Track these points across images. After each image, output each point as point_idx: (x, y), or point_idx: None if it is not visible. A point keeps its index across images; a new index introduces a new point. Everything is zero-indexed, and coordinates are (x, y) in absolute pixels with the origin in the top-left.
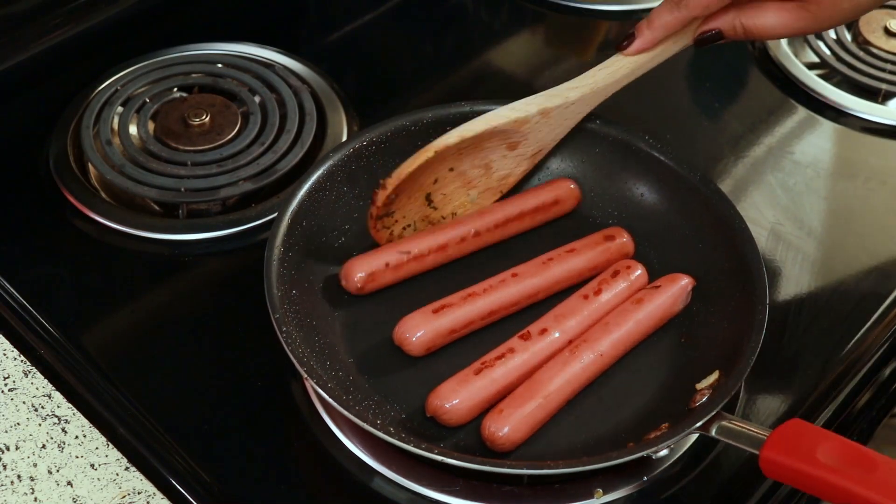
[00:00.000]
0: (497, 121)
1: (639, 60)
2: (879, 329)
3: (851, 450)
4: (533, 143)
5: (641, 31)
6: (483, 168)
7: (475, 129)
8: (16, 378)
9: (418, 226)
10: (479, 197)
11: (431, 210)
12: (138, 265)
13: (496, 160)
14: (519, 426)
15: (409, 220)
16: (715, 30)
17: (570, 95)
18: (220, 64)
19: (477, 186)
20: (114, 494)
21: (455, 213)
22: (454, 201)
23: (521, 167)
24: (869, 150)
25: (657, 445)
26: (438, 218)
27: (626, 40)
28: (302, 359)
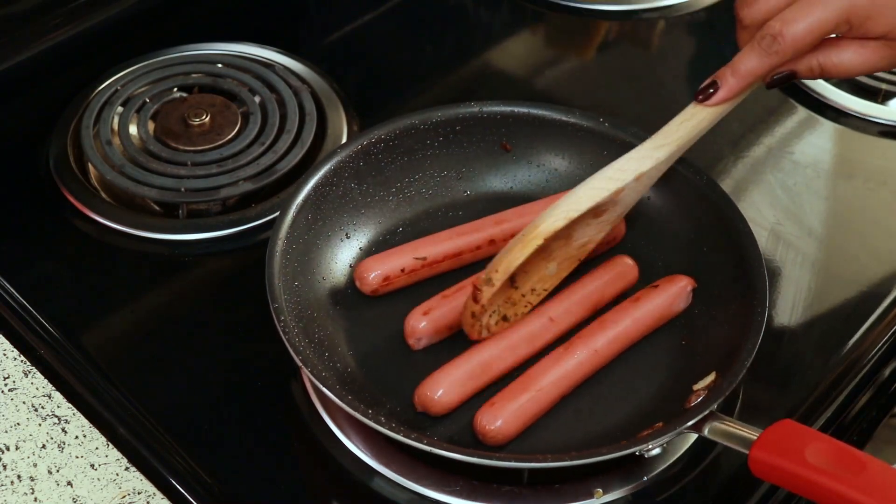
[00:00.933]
0: (600, 196)
1: (718, 110)
2: (879, 329)
3: (840, 451)
4: (619, 209)
5: (725, 79)
6: (565, 239)
7: (580, 209)
8: (16, 378)
9: (502, 310)
10: (557, 269)
11: (513, 290)
12: (138, 265)
13: (579, 229)
14: (511, 419)
15: (494, 307)
16: (790, 71)
17: (660, 155)
18: (220, 64)
19: (556, 258)
20: (114, 494)
21: (534, 288)
22: (534, 277)
23: (602, 233)
24: (869, 150)
25: (648, 443)
26: (519, 297)
27: (703, 92)
28: (298, 348)
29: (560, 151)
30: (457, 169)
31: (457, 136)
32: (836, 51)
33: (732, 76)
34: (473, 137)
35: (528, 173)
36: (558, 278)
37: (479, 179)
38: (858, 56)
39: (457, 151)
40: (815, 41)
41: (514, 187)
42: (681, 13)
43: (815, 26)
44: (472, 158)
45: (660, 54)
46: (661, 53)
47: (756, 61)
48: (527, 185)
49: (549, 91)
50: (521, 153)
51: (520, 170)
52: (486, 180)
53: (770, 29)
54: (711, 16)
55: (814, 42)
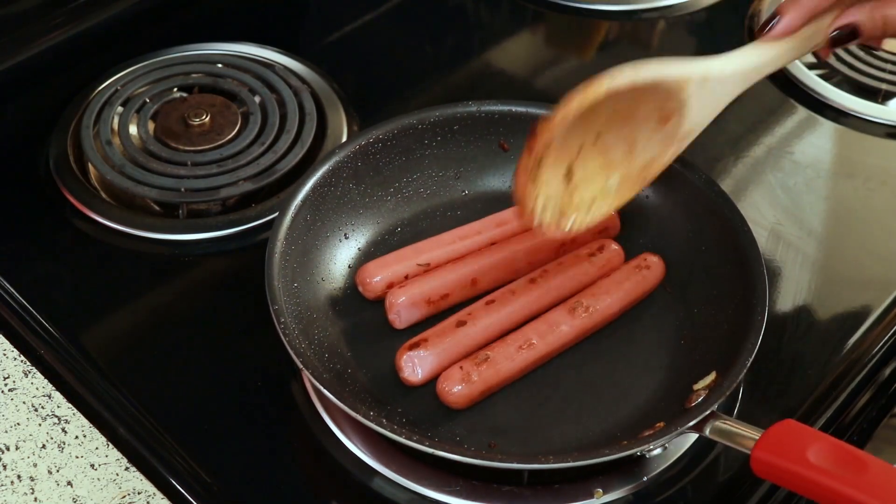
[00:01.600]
0: (664, 71)
1: (777, 49)
2: (879, 329)
3: (842, 451)
4: (685, 119)
5: (787, 9)
6: (628, 146)
7: (645, 77)
8: (16, 378)
9: (557, 203)
10: (618, 187)
11: (571, 189)
12: (138, 265)
13: (642, 138)
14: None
15: (547, 195)
16: (852, 25)
17: (726, 69)
18: (220, 64)
19: (618, 169)
20: (114, 494)
21: (594, 200)
22: (593, 186)
23: (668, 151)
24: (869, 150)
25: (649, 444)
26: (575, 204)
27: (769, 23)
28: (298, 350)
29: None
30: (455, 168)
31: (455, 135)
32: None
33: (794, 6)
34: (471, 137)
35: None
36: (619, 199)
37: (477, 179)
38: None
39: (455, 151)
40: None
41: (512, 187)
42: (681, 13)
43: None
44: (470, 158)
45: (660, 54)
46: (661, 53)
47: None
48: None
49: (549, 91)
50: (520, 152)
51: None
52: (484, 180)
53: None
54: (711, 16)
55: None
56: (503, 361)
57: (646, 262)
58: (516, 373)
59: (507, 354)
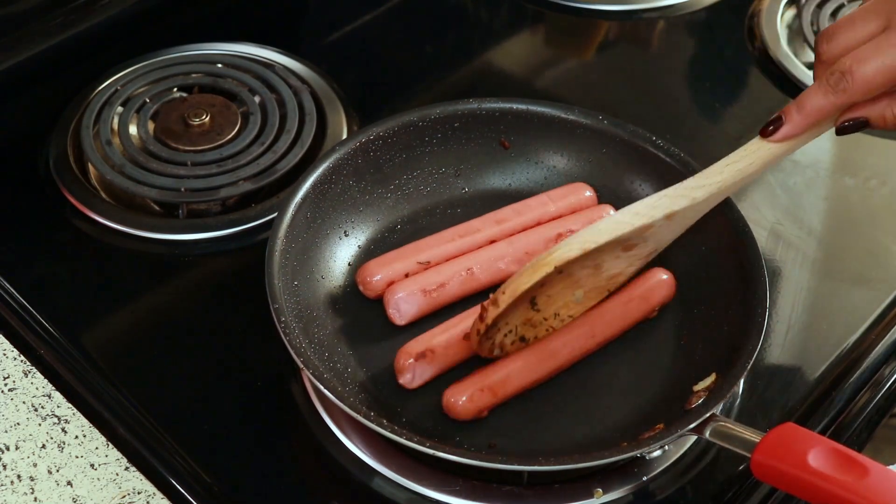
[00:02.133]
0: (621, 230)
1: (773, 151)
2: (879, 329)
3: (843, 455)
4: (651, 244)
5: (790, 115)
6: (593, 269)
7: (599, 241)
8: (16, 378)
9: (520, 330)
10: (584, 297)
11: (534, 313)
12: (138, 265)
13: (608, 261)
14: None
15: (510, 327)
16: (862, 118)
17: (697, 195)
18: (220, 64)
19: (584, 286)
20: (114, 494)
21: (558, 313)
22: (558, 302)
23: (633, 267)
24: (869, 150)
25: (649, 446)
26: (540, 320)
27: (771, 125)
28: (299, 349)
29: (559, 149)
30: (455, 166)
31: (455, 133)
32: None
33: (798, 112)
34: (472, 134)
35: (526, 170)
36: (585, 307)
37: (477, 177)
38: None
39: (455, 148)
40: (886, 83)
41: (512, 184)
42: (681, 13)
43: (889, 67)
44: (471, 155)
45: (660, 54)
46: (661, 53)
47: (822, 98)
48: (525, 182)
49: (549, 91)
50: (520, 150)
51: (518, 167)
52: (484, 177)
53: (840, 65)
54: (711, 16)
55: (885, 84)
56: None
57: (654, 275)
58: (523, 385)
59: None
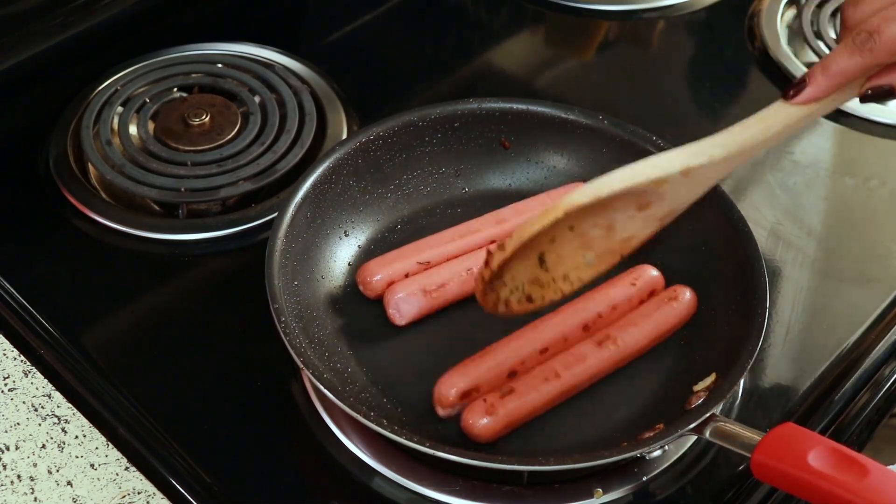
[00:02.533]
0: (635, 179)
1: (796, 114)
2: (879, 329)
3: (843, 455)
4: (667, 204)
5: (815, 77)
6: (605, 229)
7: (612, 188)
8: (16, 378)
9: (527, 288)
10: (595, 260)
11: (542, 272)
12: (138, 265)
13: (621, 221)
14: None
15: (517, 283)
16: (887, 86)
17: (716, 154)
18: (220, 64)
19: (595, 248)
20: (114, 494)
21: (567, 275)
22: (567, 262)
23: (648, 229)
24: (869, 150)
25: (649, 446)
26: (549, 280)
27: (794, 87)
28: (299, 349)
29: (559, 149)
30: (455, 166)
31: (455, 132)
32: None
33: (822, 74)
34: (472, 134)
35: (526, 170)
36: (596, 271)
37: (477, 176)
38: None
39: (455, 148)
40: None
41: (512, 184)
42: (681, 13)
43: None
44: (471, 155)
45: (660, 54)
46: (661, 53)
47: (848, 59)
48: (525, 182)
49: (549, 91)
50: (520, 150)
51: (518, 167)
52: (484, 177)
53: (867, 25)
54: (711, 16)
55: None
56: (528, 393)
57: (675, 294)
58: (541, 406)
59: (532, 386)
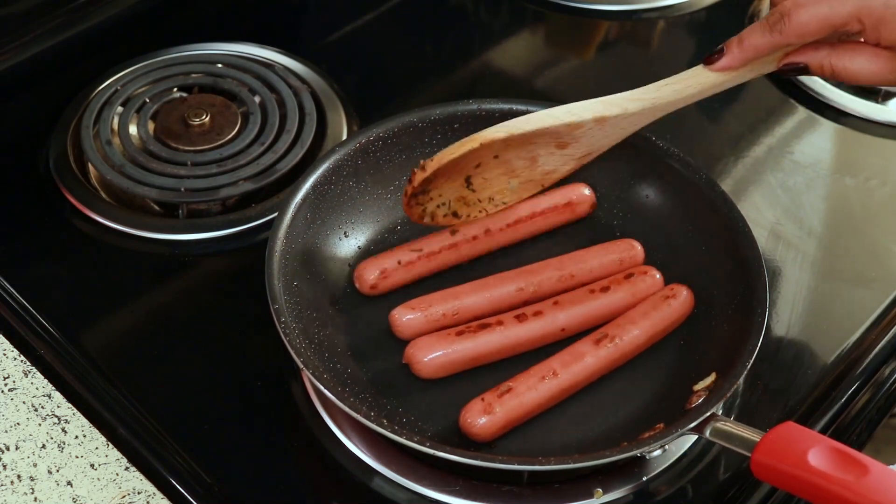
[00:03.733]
0: (549, 121)
1: (712, 79)
2: (879, 329)
3: (843, 454)
4: (584, 146)
5: (731, 48)
6: (529, 161)
7: (525, 128)
8: (16, 378)
9: (453, 205)
10: (519, 187)
11: (469, 192)
12: (138, 265)
13: (543, 156)
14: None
15: (444, 199)
16: (802, 63)
17: (630, 107)
18: (220, 64)
19: (519, 176)
20: (114, 494)
21: (492, 197)
22: (493, 187)
23: (568, 166)
24: (869, 150)
25: (649, 445)
26: (475, 200)
27: (714, 54)
28: (299, 349)
29: None
30: None
31: (455, 133)
32: (849, 54)
33: (737, 46)
34: None
35: None
36: (518, 196)
37: None
38: (870, 64)
39: None
40: (821, 30)
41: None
42: (681, 13)
43: (824, 15)
44: None
45: (660, 54)
46: (661, 53)
47: (760, 36)
48: None
49: (549, 91)
50: None
51: None
52: None
53: (782, 7)
54: (711, 16)
55: (818, 32)
56: (526, 392)
57: (673, 292)
58: (539, 405)
59: (530, 385)
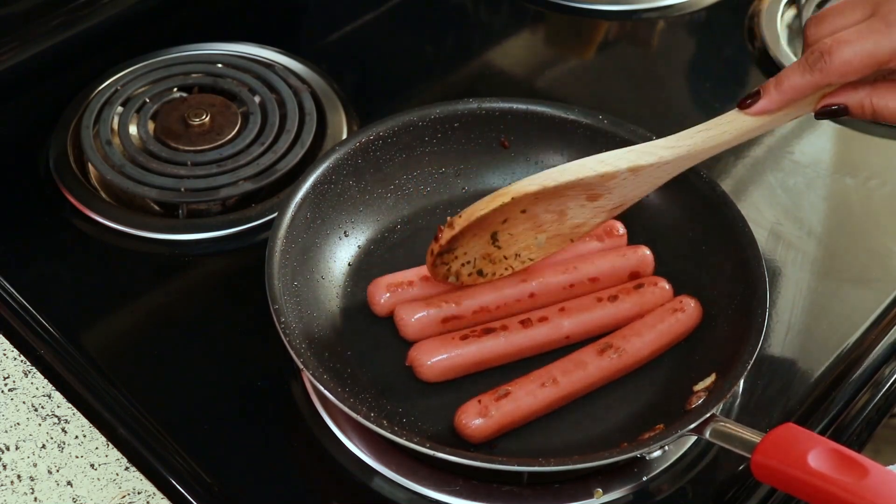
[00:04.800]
0: (583, 173)
1: (749, 124)
2: (879, 329)
3: (843, 455)
4: (616, 197)
5: (768, 90)
6: (557, 214)
7: (558, 180)
8: (16, 378)
9: (478, 263)
10: (546, 242)
11: (495, 249)
12: (138, 265)
13: (573, 208)
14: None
15: (469, 257)
16: (841, 105)
17: (665, 155)
18: (220, 64)
19: (547, 231)
20: (114, 494)
21: (518, 254)
22: (520, 242)
23: (598, 218)
24: (869, 150)
25: (649, 446)
26: (501, 257)
27: (749, 98)
28: (299, 349)
29: (559, 149)
30: (455, 166)
31: (455, 132)
32: (891, 93)
33: (775, 88)
34: (472, 134)
35: (526, 170)
36: (546, 252)
37: (477, 176)
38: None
39: (455, 148)
40: (865, 68)
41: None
42: (681, 13)
43: (868, 52)
44: (471, 155)
45: (660, 54)
46: (661, 53)
47: (800, 77)
48: None
49: (550, 91)
50: (520, 150)
51: (518, 167)
52: (484, 177)
53: (821, 45)
54: (711, 16)
55: (862, 70)
56: (524, 397)
57: (681, 305)
58: (536, 411)
59: (528, 390)
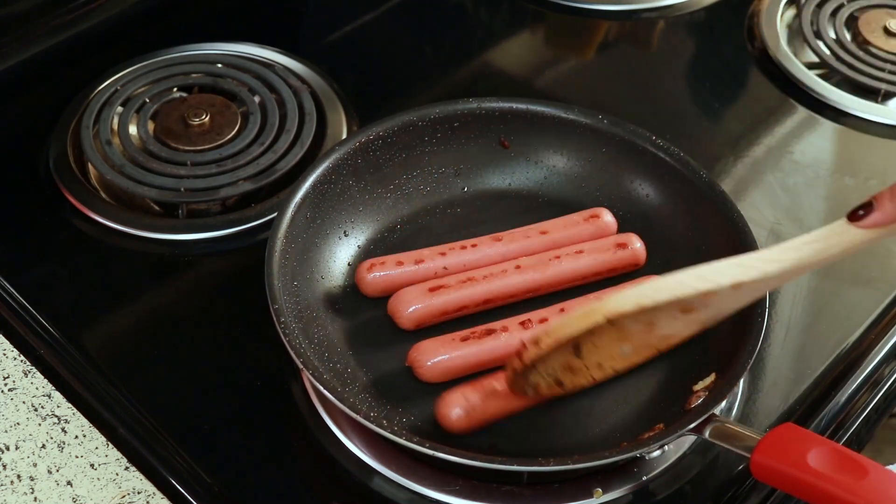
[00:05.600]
0: (682, 291)
1: (859, 237)
2: (879, 329)
3: (842, 455)
4: (713, 311)
5: (882, 202)
6: (646, 325)
7: (656, 299)
8: (16, 378)
9: (557, 373)
10: (631, 352)
11: (576, 359)
12: (138, 265)
13: (663, 319)
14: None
15: (548, 369)
16: None
17: (770, 270)
18: (220, 64)
19: (633, 341)
20: (114, 494)
21: (601, 364)
22: (603, 352)
23: (689, 330)
24: (869, 150)
25: (649, 446)
26: (582, 367)
27: (862, 209)
28: (299, 349)
29: (558, 148)
30: (455, 166)
31: (455, 132)
32: None
33: (891, 199)
34: (472, 134)
35: (526, 170)
36: (630, 362)
37: (477, 176)
38: None
39: (455, 148)
40: None
41: (512, 184)
42: (681, 13)
43: None
44: (471, 155)
45: (660, 54)
46: (661, 53)
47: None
48: (525, 181)
49: (549, 91)
50: (520, 150)
51: (518, 166)
52: (484, 177)
53: None
54: (711, 16)
55: None
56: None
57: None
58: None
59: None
